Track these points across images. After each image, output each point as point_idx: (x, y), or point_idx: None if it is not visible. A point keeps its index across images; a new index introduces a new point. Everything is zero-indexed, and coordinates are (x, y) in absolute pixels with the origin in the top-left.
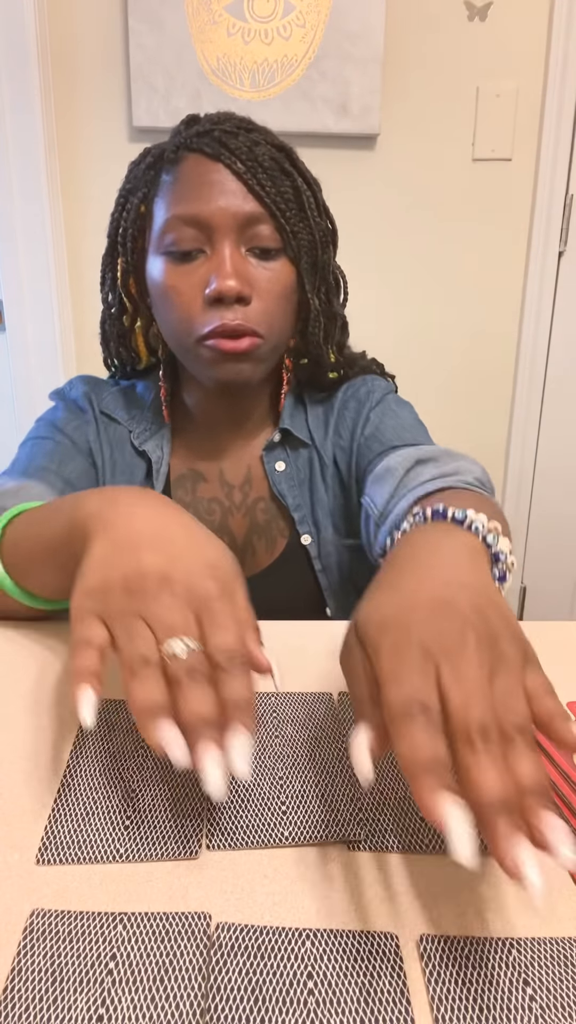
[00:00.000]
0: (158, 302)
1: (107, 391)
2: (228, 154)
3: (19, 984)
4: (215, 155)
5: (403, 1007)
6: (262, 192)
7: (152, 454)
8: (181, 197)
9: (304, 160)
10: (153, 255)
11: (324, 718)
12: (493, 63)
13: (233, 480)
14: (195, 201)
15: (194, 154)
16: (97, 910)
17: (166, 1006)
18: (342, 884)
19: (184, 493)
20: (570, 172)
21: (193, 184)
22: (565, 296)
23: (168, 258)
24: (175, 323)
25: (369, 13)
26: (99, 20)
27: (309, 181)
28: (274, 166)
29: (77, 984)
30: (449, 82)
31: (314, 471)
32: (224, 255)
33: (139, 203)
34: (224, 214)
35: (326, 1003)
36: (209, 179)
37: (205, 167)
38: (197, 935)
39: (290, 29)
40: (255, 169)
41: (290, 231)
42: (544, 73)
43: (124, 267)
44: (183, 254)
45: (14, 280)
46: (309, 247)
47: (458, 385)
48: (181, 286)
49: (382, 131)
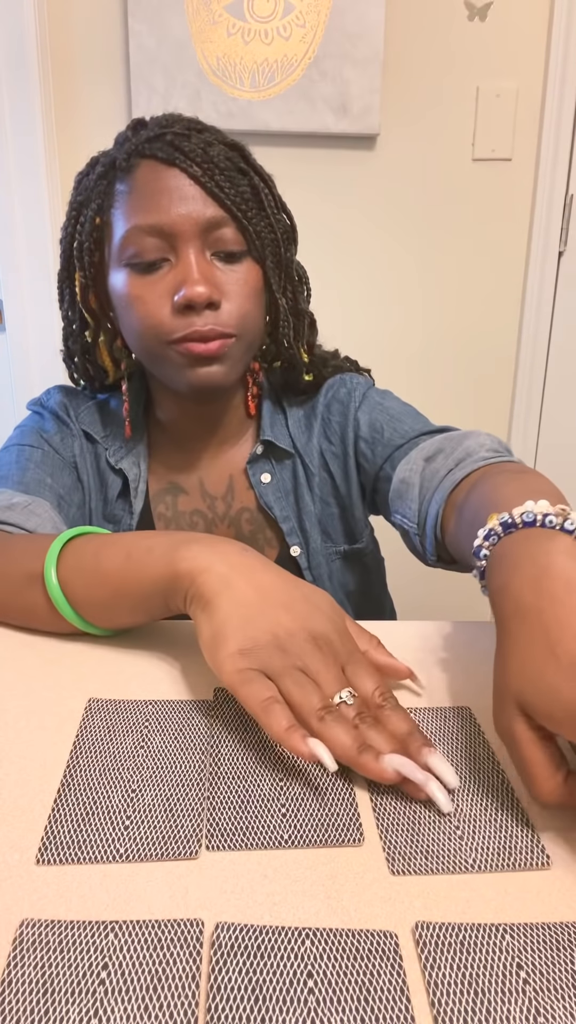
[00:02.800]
0: (124, 314)
1: (83, 404)
2: (183, 158)
3: (9, 996)
4: (170, 160)
5: (403, 1005)
6: (222, 195)
7: (129, 472)
8: (139, 207)
9: (304, 160)
10: (115, 268)
11: None
12: (493, 63)
13: (214, 491)
14: (154, 210)
15: (147, 160)
16: (97, 910)
17: (160, 1015)
18: (342, 884)
19: (165, 508)
20: (570, 172)
21: (150, 192)
22: (565, 296)
23: (131, 270)
24: (143, 331)
25: (369, 13)
26: (99, 20)
27: (265, 178)
28: (230, 166)
29: (69, 995)
30: (449, 82)
31: (299, 481)
32: (190, 261)
33: (94, 215)
34: (186, 221)
35: (326, 1002)
36: (167, 185)
37: (161, 173)
38: (190, 942)
39: (290, 29)
40: (212, 171)
41: (253, 231)
42: (544, 73)
43: (83, 282)
44: (147, 265)
45: (14, 280)
46: (272, 246)
47: (458, 385)
48: (147, 296)
49: (382, 131)
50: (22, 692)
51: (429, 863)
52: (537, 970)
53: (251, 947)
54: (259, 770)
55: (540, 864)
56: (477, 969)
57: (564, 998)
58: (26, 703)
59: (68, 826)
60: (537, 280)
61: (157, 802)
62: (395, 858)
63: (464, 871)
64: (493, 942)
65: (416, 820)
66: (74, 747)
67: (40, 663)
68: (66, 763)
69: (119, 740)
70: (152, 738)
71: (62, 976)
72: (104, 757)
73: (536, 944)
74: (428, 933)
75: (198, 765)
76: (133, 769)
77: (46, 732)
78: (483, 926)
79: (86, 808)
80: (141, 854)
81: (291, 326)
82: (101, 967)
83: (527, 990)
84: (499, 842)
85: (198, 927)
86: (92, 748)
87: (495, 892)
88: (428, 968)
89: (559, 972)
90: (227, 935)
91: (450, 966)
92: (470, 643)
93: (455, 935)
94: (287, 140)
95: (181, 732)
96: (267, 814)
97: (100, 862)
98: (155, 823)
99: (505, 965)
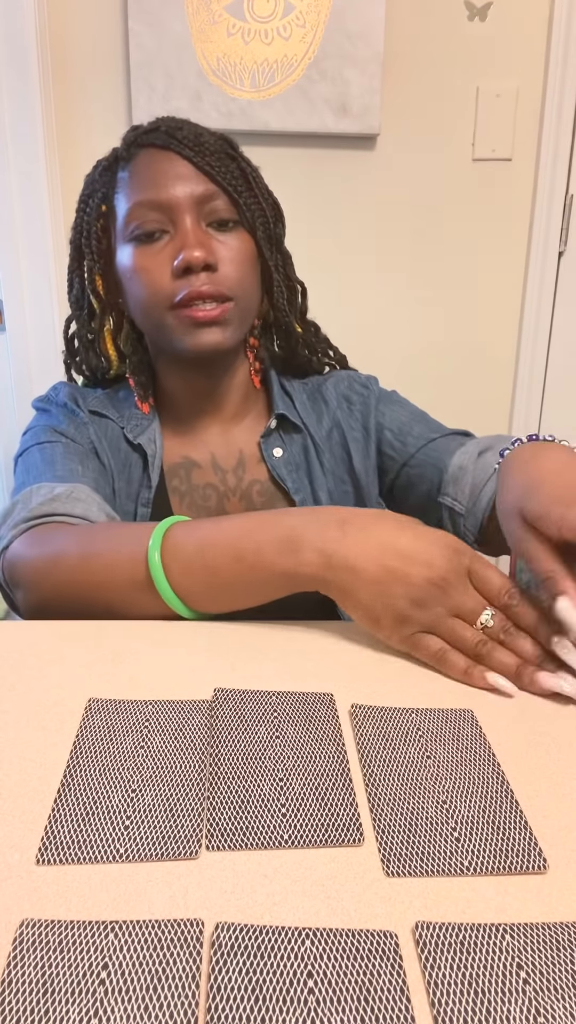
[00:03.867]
0: (129, 287)
1: (91, 394)
2: (177, 143)
3: (9, 996)
4: (165, 145)
5: (403, 1005)
6: (213, 171)
7: (147, 447)
8: (139, 187)
9: (304, 160)
10: (121, 245)
11: (325, 718)
12: (493, 63)
13: (225, 465)
14: (153, 188)
15: (145, 149)
16: (97, 910)
17: (159, 1015)
18: (342, 884)
19: (179, 482)
20: (570, 172)
21: (149, 174)
22: (565, 296)
23: (135, 243)
24: (147, 298)
25: (369, 13)
26: (99, 20)
27: (251, 165)
28: (219, 150)
29: (68, 995)
30: (449, 82)
31: (309, 455)
32: (187, 229)
33: (99, 203)
34: (182, 194)
35: (326, 1002)
36: (163, 167)
37: (158, 157)
38: (190, 942)
39: (290, 29)
40: (203, 153)
41: (243, 203)
42: (544, 73)
43: (90, 265)
44: (148, 235)
45: (14, 280)
46: (262, 219)
47: (458, 385)
48: (149, 265)
49: (382, 131)
50: (22, 692)
51: (425, 866)
52: (537, 970)
53: (251, 947)
54: (259, 770)
55: (537, 868)
56: (477, 969)
57: (564, 998)
58: (26, 703)
59: (68, 826)
60: (537, 280)
61: (157, 802)
62: (390, 860)
63: (460, 874)
64: (493, 942)
65: (413, 822)
66: (74, 747)
67: (40, 663)
68: (66, 763)
69: (119, 740)
70: (152, 738)
71: (62, 976)
72: (104, 757)
73: (536, 944)
74: (428, 933)
75: (198, 765)
76: (133, 769)
77: (46, 732)
78: (483, 926)
79: (86, 808)
80: (141, 854)
81: (284, 294)
82: (101, 967)
83: (527, 990)
84: (496, 845)
85: (198, 927)
86: (92, 748)
87: (495, 892)
88: (428, 968)
89: (559, 972)
90: (227, 935)
91: (450, 966)
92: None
93: (455, 935)
94: (287, 140)
95: (181, 732)
96: (267, 814)
97: (100, 862)
98: (155, 823)
99: (505, 965)
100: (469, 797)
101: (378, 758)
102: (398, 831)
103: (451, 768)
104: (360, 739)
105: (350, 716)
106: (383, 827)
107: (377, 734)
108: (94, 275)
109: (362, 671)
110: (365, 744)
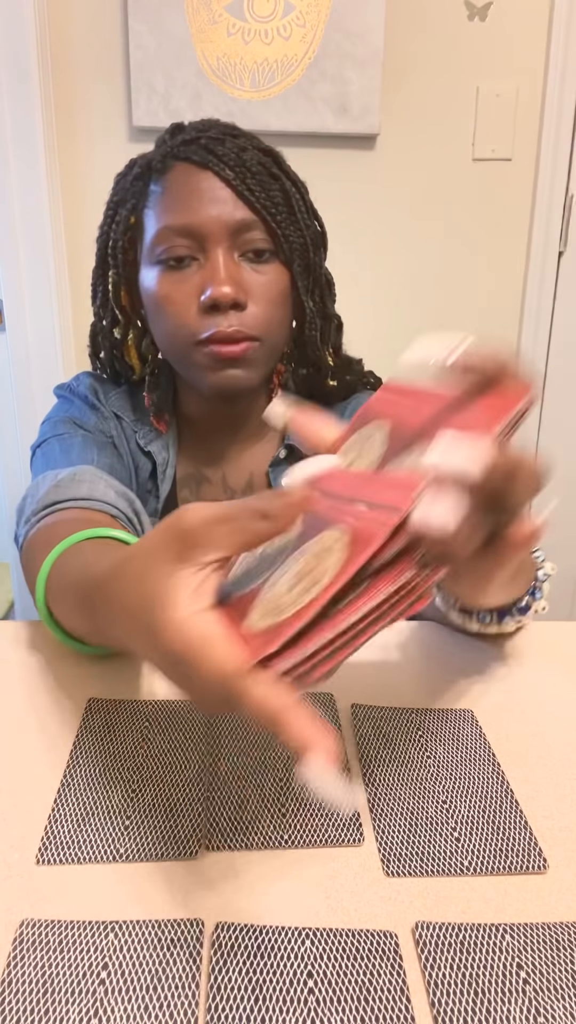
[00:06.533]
0: (152, 312)
1: (112, 390)
2: (216, 161)
3: (9, 996)
4: (203, 163)
5: (403, 1005)
6: (252, 198)
7: (158, 456)
8: (171, 207)
9: (304, 160)
10: (146, 266)
11: (324, 718)
12: (493, 63)
13: (235, 485)
14: (185, 211)
15: (182, 163)
16: (97, 910)
17: (159, 1015)
18: (341, 884)
19: (189, 493)
20: (570, 172)
21: (182, 193)
22: (565, 296)
23: (161, 267)
24: (171, 331)
25: (369, 13)
26: (99, 20)
27: (297, 183)
28: (262, 170)
29: (69, 995)
30: (449, 82)
31: None
32: (218, 262)
33: (128, 214)
34: (216, 222)
35: (326, 1002)
36: (199, 187)
37: (194, 175)
38: (190, 942)
39: (290, 29)
40: (244, 175)
41: (282, 235)
42: (544, 73)
43: (115, 279)
44: (176, 260)
45: (14, 280)
46: (301, 250)
47: None
48: (175, 295)
49: (382, 131)
50: (22, 692)
51: (425, 866)
52: (537, 970)
53: (251, 947)
54: (259, 770)
55: (537, 868)
56: (477, 969)
57: (564, 998)
58: (26, 703)
59: (68, 826)
60: (537, 280)
61: (157, 802)
62: (390, 860)
63: (460, 874)
64: (493, 942)
65: (413, 822)
66: (74, 747)
67: (40, 663)
68: (66, 763)
69: (119, 740)
70: (152, 738)
71: (62, 976)
72: (104, 757)
73: (536, 944)
74: (428, 933)
75: (198, 765)
76: (133, 769)
77: (46, 732)
78: (483, 926)
79: (86, 808)
80: (141, 854)
81: (318, 328)
82: (101, 967)
83: (527, 990)
84: (496, 845)
85: (198, 927)
86: (92, 748)
87: (495, 892)
88: (428, 968)
89: (559, 972)
90: (227, 935)
91: (450, 966)
92: (470, 644)
93: (455, 935)
94: (287, 140)
95: (181, 732)
96: (267, 814)
97: (100, 862)
98: (155, 823)
99: (505, 965)
100: (469, 797)
101: (378, 758)
102: (398, 831)
103: (451, 768)
104: (360, 739)
105: (350, 716)
106: (383, 827)
107: (377, 734)
108: (119, 289)
109: (362, 671)
110: (365, 744)
